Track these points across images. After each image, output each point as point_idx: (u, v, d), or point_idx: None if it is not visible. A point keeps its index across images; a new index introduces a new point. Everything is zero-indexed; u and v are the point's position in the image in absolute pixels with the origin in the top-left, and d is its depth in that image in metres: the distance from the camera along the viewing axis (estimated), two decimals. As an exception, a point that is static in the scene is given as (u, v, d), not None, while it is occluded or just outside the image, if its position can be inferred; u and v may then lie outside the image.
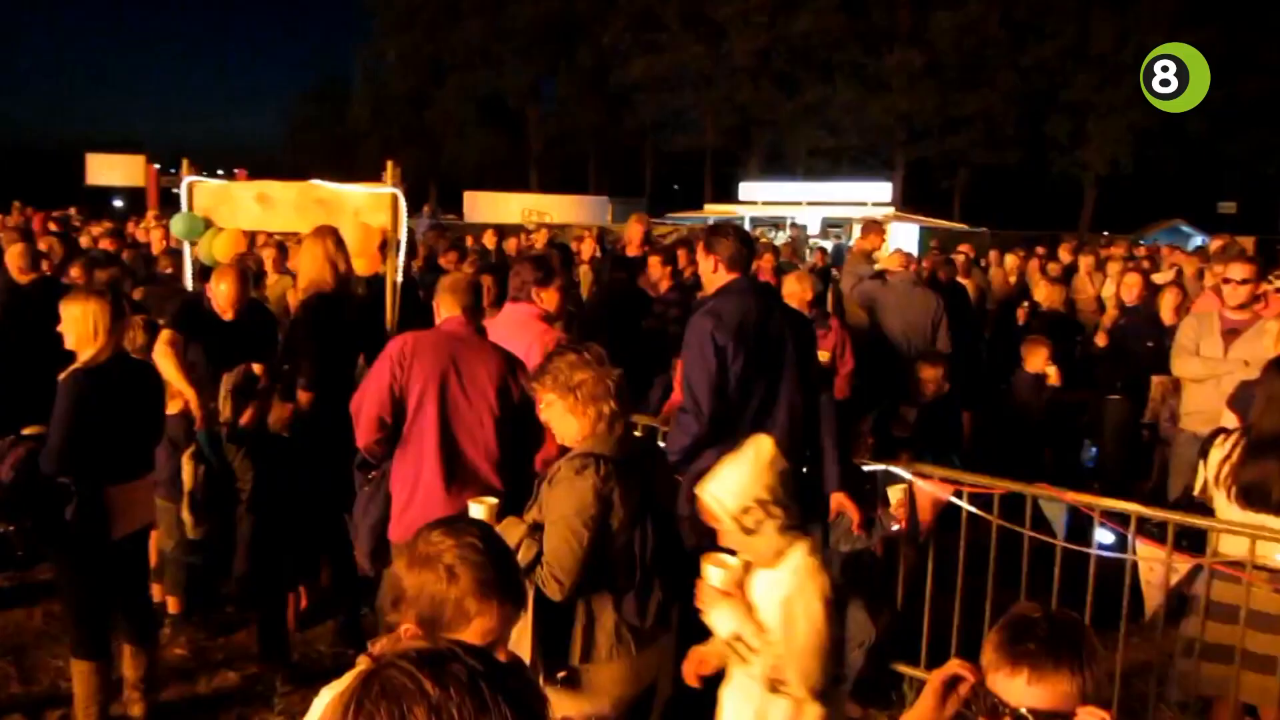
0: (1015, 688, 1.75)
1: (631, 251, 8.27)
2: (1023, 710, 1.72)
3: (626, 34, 43.22)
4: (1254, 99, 38.62)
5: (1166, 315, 7.18)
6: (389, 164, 5.98)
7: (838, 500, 4.25)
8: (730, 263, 4.11)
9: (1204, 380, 5.68)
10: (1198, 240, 25.08)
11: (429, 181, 45.00)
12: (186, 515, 4.75)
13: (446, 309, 4.03)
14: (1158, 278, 7.60)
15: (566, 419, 3.04)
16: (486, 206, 31.93)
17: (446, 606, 1.85)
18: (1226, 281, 5.70)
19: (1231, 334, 5.64)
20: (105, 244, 10.37)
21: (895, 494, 4.54)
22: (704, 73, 43.74)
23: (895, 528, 4.58)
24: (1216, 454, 4.00)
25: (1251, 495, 3.83)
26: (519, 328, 4.46)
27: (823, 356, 5.23)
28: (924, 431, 5.26)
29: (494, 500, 3.12)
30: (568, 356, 3.06)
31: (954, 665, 1.87)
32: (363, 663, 1.97)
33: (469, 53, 45.81)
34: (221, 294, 5.05)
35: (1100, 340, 7.31)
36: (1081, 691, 1.72)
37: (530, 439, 3.94)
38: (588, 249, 9.79)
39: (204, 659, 4.98)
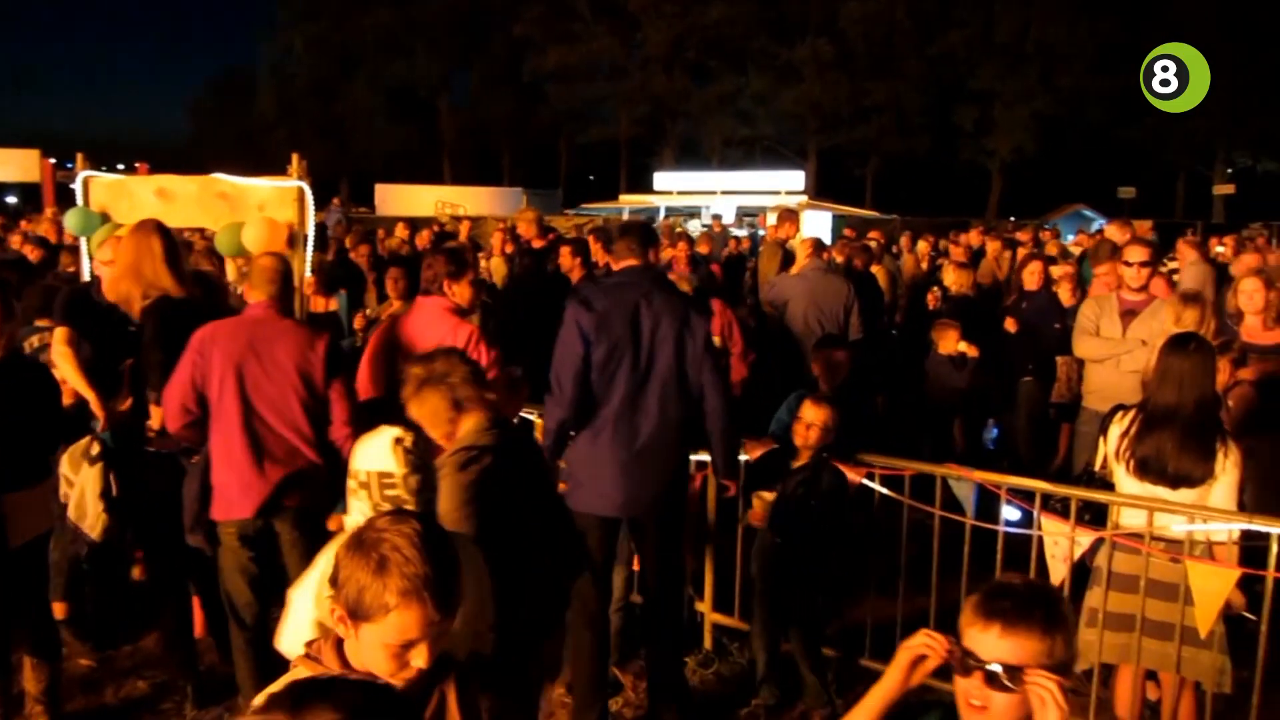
0: (988, 641, 1.80)
1: (537, 244, 8.25)
2: (992, 665, 1.78)
3: (539, 25, 42.90)
4: (1150, 86, 39.91)
5: (1065, 298, 7.42)
6: (294, 157, 5.85)
7: (732, 488, 4.41)
8: (618, 253, 4.21)
9: (1104, 360, 5.86)
10: (1099, 224, 25.84)
11: (339, 175, 44.13)
12: (100, 517, 4.55)
13: (253, 295, 4.21)
14: (1056, 270, 7.82)
15: (437, 418, 3.07)
16: (399, 199, 31.47)
17: (367, 595, 1.81)
18: (1125, 264, 5.87)
19: (1129, 315, 5.82)
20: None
21: (761, 498, 4.59)
22: (617, 63, 43.75)
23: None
24: (1116, 429, 4.13)
25: (1147, 468, 3.97)
26: (432, 321, 4.42)
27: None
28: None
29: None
30: (432, 364, 3.07)
31: (922, 636, 1.91)
32: (297, 665, 1.95)
33: (379, 43, 45.00)
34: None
35: (1009, 325, 7.50)
36: (1050, 653, 1.78)
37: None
38: (498, 242, 9.74)
39: (110, 668, 4.83)
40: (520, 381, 4.74)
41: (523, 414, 5.14)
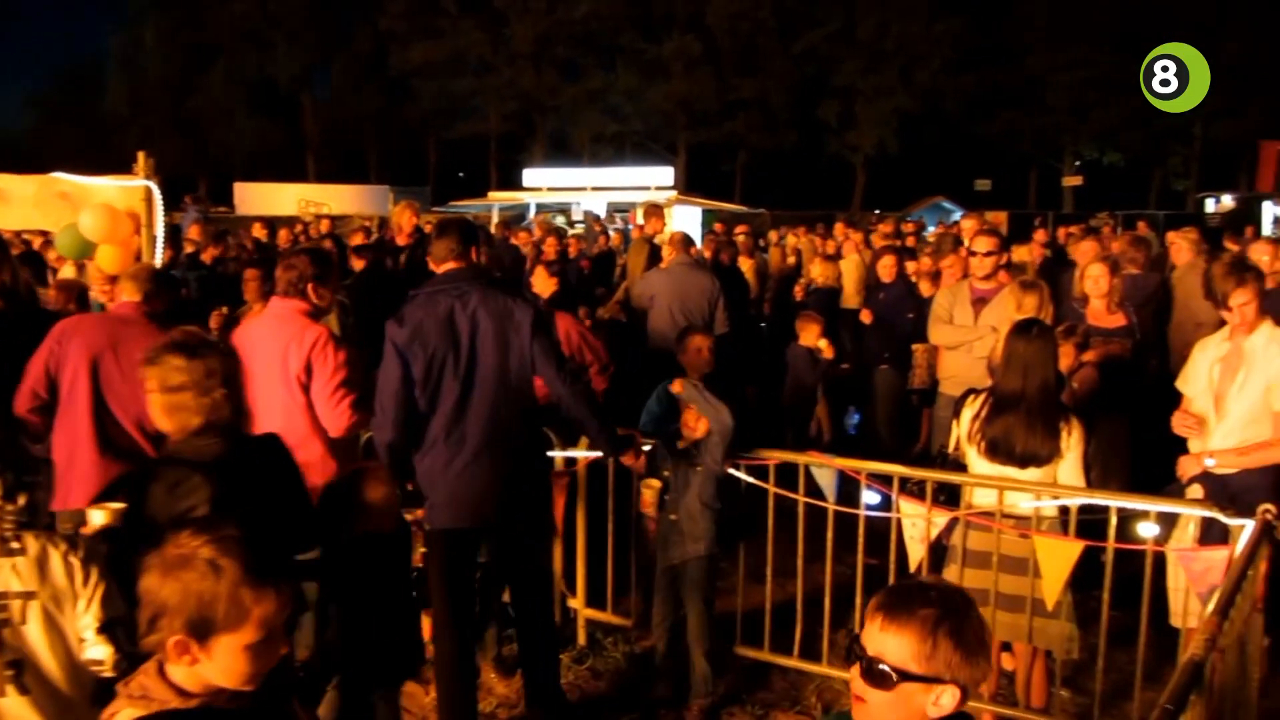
0: (871, 632, 1.81)
1: (401, 240, 8.11)
2: (868, 659, 1.79)
3: (404, 19, 42.10)
4: (1004, 83, 41.74)
5: (925, 289, 7.68)
6: (140, 155, 5.64)
7: (626, 461, 4.35)
8: (437, 258, 4.08)
9: (957, 346, 6.09)
10: (957, 215, 26.83)
11: (197, 173, 42.44)
12: None
13: (126, 294, 4.41)
14: (912, 266, 8.14)
15: (161, 416, 2.91)
16: (259, 198, 30.51)
17: (219, 603, 1.75)
18: (973, 254, 6.11)
19: (980, 303, 6.06)
20: None
21: (650, 485, 4.62)
22: (485, 59, 43.25)
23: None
24: (967, 413, 4.30)
25: (997, 449, 4.14)
26: (279, 323, 4.27)
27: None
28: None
29: (117, 506, 2.89)
30: (172, 358, 2.85)
31: None
32: (122, 709, 1.83)
33: (236, 36, 43.46)
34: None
35: (865, 317, 7.72)
36: (931, 655, 1.75)
37: None
38: (358, 240, 9.56)
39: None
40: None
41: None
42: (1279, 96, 37.91)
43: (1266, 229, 25.64)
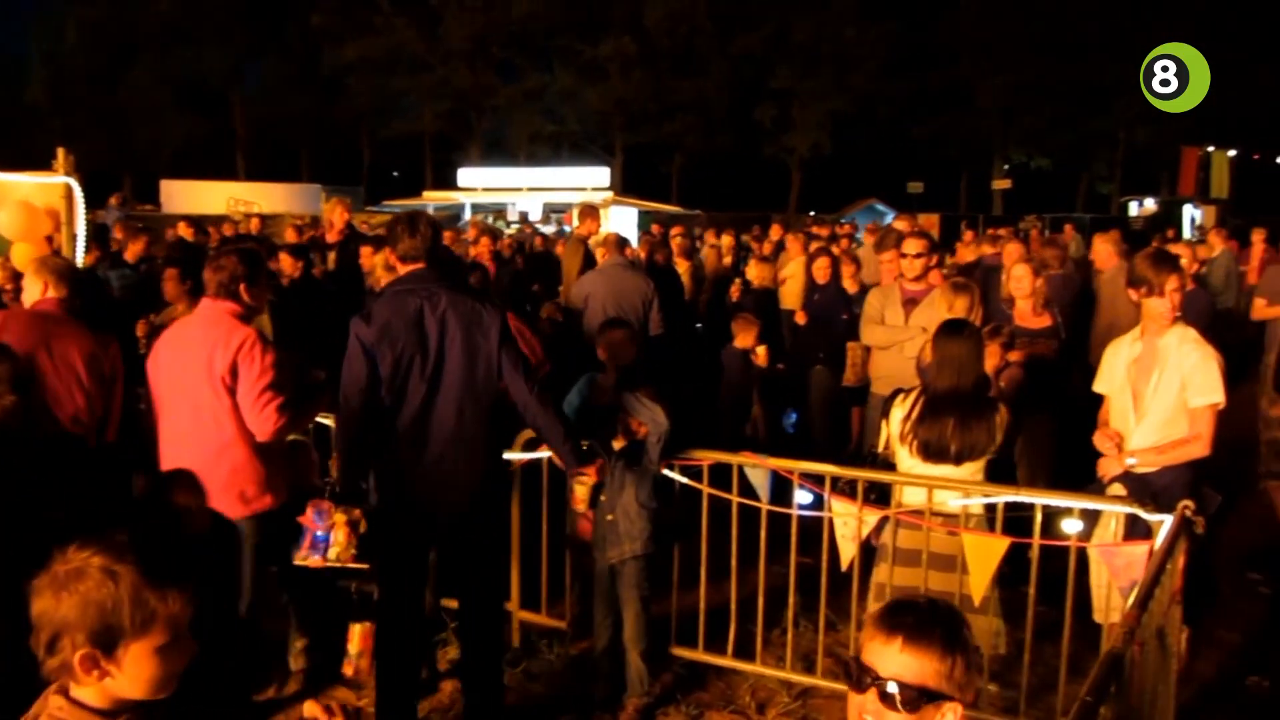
0: (889, 654, 1.79)
1: (331, 237, 8.01)
2: (889, 683, 1.77)
3: (335, 16, 41.40)
4: (935, 87, 42.47)
5: (850, 286, 7.80)
6: (60, 151, 5.48)
7: (589, 471, 4.28)
8: (404, 256, 4.03)
9: (889, 346, 6.17)
10: (891, 217, 27.20)
11: (122, 170, 41.35)
12: None
13: (51, 290, 4.45)
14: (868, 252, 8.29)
15: None
16: (187, 196, 29.78)
17: (122, 609, 1.68)
18: (903, 256, 6.20)
19: (911, 303, 6.15)
20: None
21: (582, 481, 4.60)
22: (419, 57, 42.76)
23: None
24: (898, 412, 4.36)
25: (930, 449, 4.21)
26: (208, 325, 4.17)
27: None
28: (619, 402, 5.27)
29: None
30: None
31: None
32: None
33: (162, 31, 42.37)
34: None
35: (799, 318, 7.79)
36: (950, 674, 1.77)
37: None
38: (290, 238, 9.41)
39: None
40: (321, 387, 4.58)
41: (319, 419, 5.00)
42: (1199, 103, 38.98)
43: (1187, 232, 26.39)
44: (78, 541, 1.76)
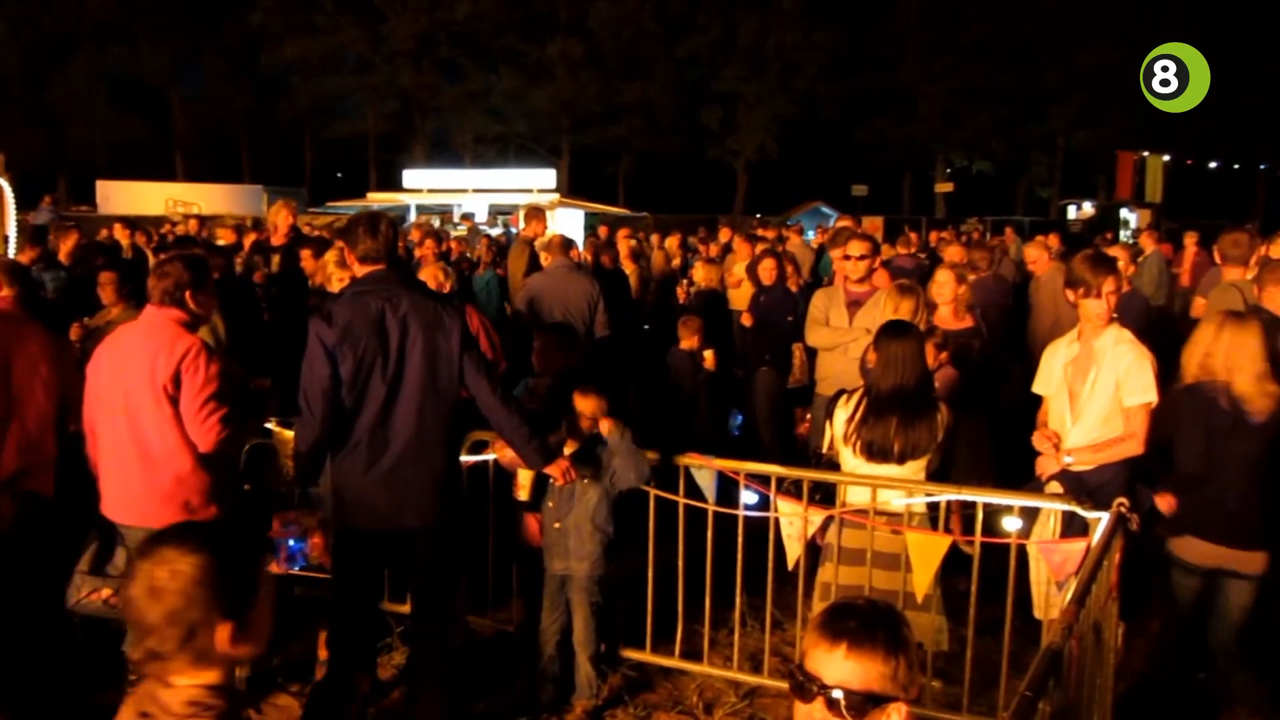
0: (833, 662, 1.78)
1: (277, 240, 7.90)
2: (834, 690, 1.77)
3: (276, 14, 40.77)
4: (878, 91, 43.01)
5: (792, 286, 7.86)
6: (-13, 151, 5.34)
7: (552, 471, 4.27)
8: (364, 257, 4.00)
9: (833, 348, 6.23)
10: (834, 219, 27.43)
11: (56, 171, 40.36)
12: None
13: (6, 288, 4.55)
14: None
15: None
16: (124, 197, 29.16)
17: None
18: (847, 258, 6.26)
19: (855, 305, 6.21)
20: None
21: (523, 478, 4.59)
22: (363, 57, 42.32)
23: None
24: (841, 413, 4.40)
25: (874, 450, 4.25)
26: (152, 333, 4.05)
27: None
28: (556, 402, 5.25)
29: None
30: None
31: None
32: None
33: (97, 28, 41.40)
34: None
35: (745, 320, 7.83)
36: (894, 675, 1.78)
37: None
38: (226, 239, 9.27)
39: None
40: (265, 394, 4.52)
41: (265, 425, 4.93)
42: (1135, 108, 39.93)
43: (1124, 235, 26.95)
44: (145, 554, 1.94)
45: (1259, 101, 39.39)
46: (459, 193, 28.35)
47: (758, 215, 34.53)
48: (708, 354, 7.51)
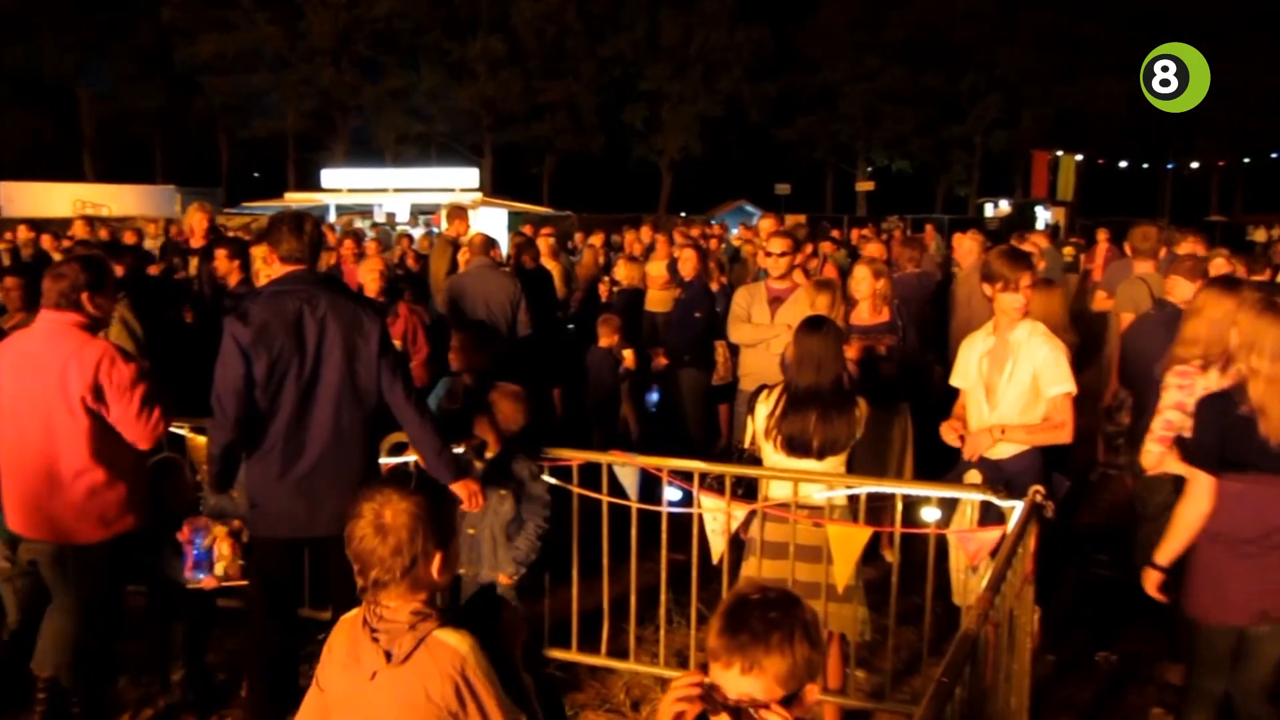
0: (731, 679, 1.78)
1: (196, 242, 7.73)
2: (740, 703, 1.76)
3: (188, 10, 39.56)
4: (801, 91, 43.53)
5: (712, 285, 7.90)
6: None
7: (459, 491, 4.14)
8: (286, 257, 3.91)
9: (755, 344, 6.26)
10: (758, 218, 27.67)
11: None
12: None
13: None
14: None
15: None
16: (29, 199, 28.13)
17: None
18: (768, 255, 6.30)
19: (776, 301, 6.25)
20: None
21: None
22: (280, 54, 41.45)
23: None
24: (762, 408, 4.42)
25: (794, 445, 4.27)
26: (54, 339, 3.89)
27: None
28: (475, 403, 5.21)
29: None
30: None
31: (676, 691, 1.84)
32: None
33: (-3, 25, 39.84)
34: None
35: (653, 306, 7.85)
36: (792, 665, 1.77)
37: None
38: (129, 239, 9.05)
39: None
40: (170, 395, 4.39)
41: (172, 429, 4.80)
42: (1048, 109, 41.07)
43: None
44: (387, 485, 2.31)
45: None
46: (380, 192, 27.89)
47: (682, 214, 34.66)
48: (627, 353, 7.51)
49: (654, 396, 8.27)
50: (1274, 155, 38.91)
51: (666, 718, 1.85)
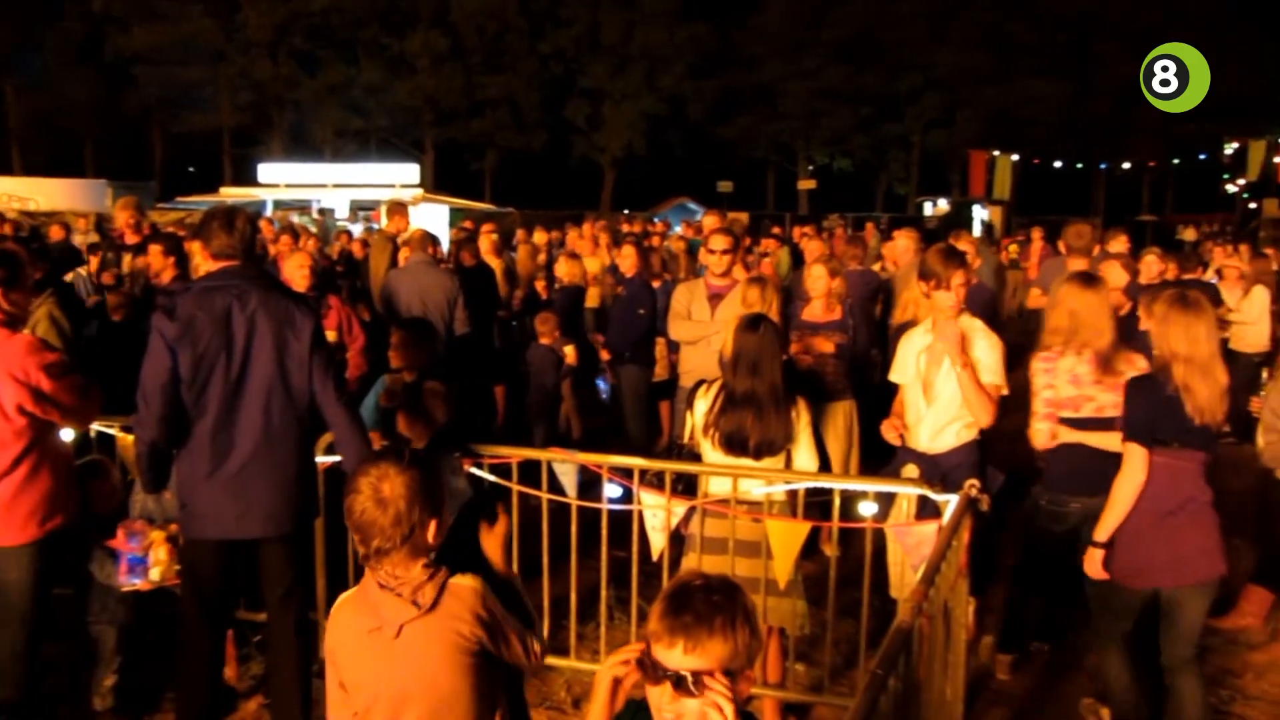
0: (674, 658, 1.80)
1: (131, 239, 7.58)
2: (682, 671, 1.78)
3: (120, 1, 38.78)
4: (743, 89, 43.76)
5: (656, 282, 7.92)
6: None
7: None
8: (218, 253, 3.84)
9: (696, 341, 6.28)
10: (701, 215, 27.75)
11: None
12: None
13: None
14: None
15: None
16: (-46, 193, 27.37)
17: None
18: (710, 252, 6.33)
19: (716, 299, 6.26)
20: None
21: None
22: (216, 47, 40.66)
23: None
24: (701, 404, 4.43)
25: (732, 443, 4.28)
26: None
27: (329, 336, 5.05)
28: (413, 402, 5.17)
29: None
30: None
31: (616, 656, 1.89)
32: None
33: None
34: None
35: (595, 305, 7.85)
36: (734, 649, 1.80)
37: None
38: (56, 234, 8.84)
39: None
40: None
41: (98, 426, 4.71)
42: (985, 109, 41.76)
43: (976, 230, 28.06)
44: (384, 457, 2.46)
45: (1099, 106, 41.66)
46: (318, 188, 27.52)
47: (625, 211, 34.67)
48: (568, 349, 7.50)
49: (604, 384, 8.28)
50: (1202, 157, 39.90)
51: (604, 684, 1.91)
